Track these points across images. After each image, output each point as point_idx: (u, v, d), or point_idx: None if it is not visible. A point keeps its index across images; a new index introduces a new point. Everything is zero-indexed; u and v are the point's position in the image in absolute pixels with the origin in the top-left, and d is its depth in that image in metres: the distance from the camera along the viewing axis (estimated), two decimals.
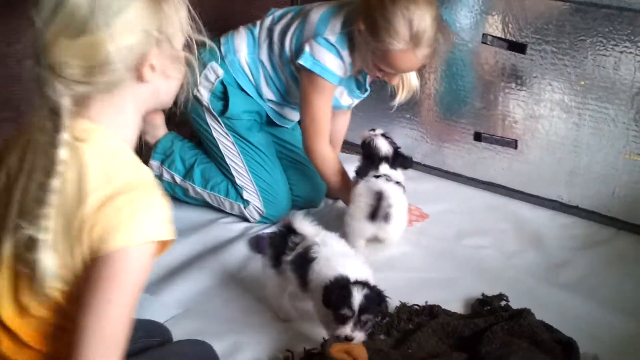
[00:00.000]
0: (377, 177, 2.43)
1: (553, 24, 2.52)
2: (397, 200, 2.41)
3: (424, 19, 2.22)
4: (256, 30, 2.60)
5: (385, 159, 2.48)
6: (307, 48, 2.40)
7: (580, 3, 2.45)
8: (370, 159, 2.48)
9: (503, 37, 2.64)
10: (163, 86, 1.35)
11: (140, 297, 2.13)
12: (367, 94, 2.67)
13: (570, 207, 2.72)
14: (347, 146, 3.04)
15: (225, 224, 2.63)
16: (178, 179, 2.68)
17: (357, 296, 1.78)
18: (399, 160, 2.51)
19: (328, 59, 2.39)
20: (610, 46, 2.44)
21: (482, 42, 2.69)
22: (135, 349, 1.66)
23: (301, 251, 1.96)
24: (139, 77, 1.29)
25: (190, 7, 1.36)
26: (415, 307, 2.15)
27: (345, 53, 2.40)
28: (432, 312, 2.12)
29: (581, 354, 1.94)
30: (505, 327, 1.98)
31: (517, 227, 2.65)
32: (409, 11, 2.21)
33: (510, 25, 2.61)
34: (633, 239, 2.57)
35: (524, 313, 2.04)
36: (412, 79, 2.54)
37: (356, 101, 2.66)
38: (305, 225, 2.03)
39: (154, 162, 2.71)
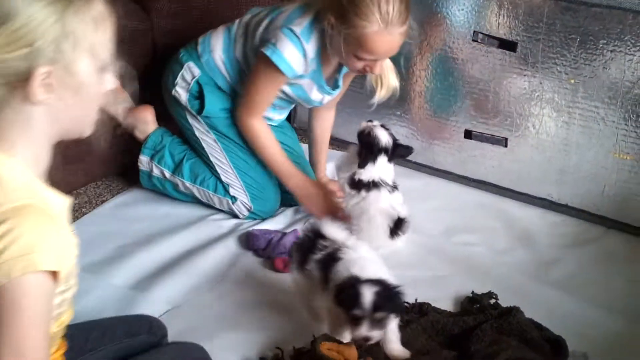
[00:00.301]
0: (376, 184, 2.44)
1: (543, 22, 2.53)
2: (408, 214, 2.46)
3: None
4: (234, 28, 2.58)
5: (385, 150, 2.46)
6: (272, 38, 2.38)
7: (571, 2, 2.46)
8: (369, 149, 2.45)
9: (494, 35, 2.65)
10: (62, 112, 1.22)
11: (130, 294, 2.15)
12: (337, 90, 2.64)
13: (560, 205, 2.73)
14: (336, 142, 3.04)
15: (215, 220, 2.63)
16: (167, 174, 2.68)
17: (368, 294, 1.73)
18: (399, 150, 2.49)
19: (289, 50, 2.36)
20: (600, 45, 2.45)
21: (473, 40, 2.70)
22: (120, 353, 1.63)
23: (331, 251, 1.93)
24: (27, 97, 1.17)
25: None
26: (405, 304, 2.15)
27: (309, 47, 2.37)
28: (421, 309, 2.12)
29: (570, 352, 1.95)
30: (494, 325, 1.99)
31: (507, 225, 2.65)
32: None
33: (500, 24, 2.62)
34: (622, 238, 2.58)
35: (513, 311, 2.04)
36: (390, 78, 2.52)
37: (327, 97, 2.62)
38: (335, 230, 2.00)
39: (144, 157, 2.71)
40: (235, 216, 2.64)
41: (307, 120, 2.88)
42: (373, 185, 2.44)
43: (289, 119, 2.97)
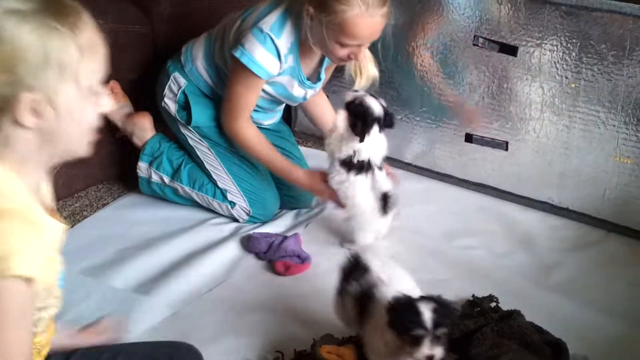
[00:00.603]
0: (366, 166, 2.39)
1: (544, 26, 2.53)
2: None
3: None
4: (214, 33, 2.56)
5: (378, 120, 2.38)
6: (242, 39, 2.34)
7: (572, 6, 2.46)
8: (362, 120, 2.36)
9: (495, 39, 2.65)
10: (52, 135, 1.23)
11: (130, 298, 2.15)
12: (320, 83, 2.61)
13: (560, 208, 2.73)
14: None
15: (215, 224, 2.63)
16: (166, 179, 2.68)
17: (427, 312, 1.62)
18: (389, 118, 2.41)
19: (259, 51, 2.32)
20: (601, 49, 2.45)
21: (474, 44, 2.70)
22: None
23: (364, 288, 1.83)
24: (15, 121, 1.19)
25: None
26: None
27: (281, 42, 2.33)
28: None
29: (571, 355, 1.95)
30: (495, 329, 1.99)
31: (507, 228, 2.66)
32: None
33: (501, 28, 2.62)
34: (622, 241, 2.58)
35: (514, 314, 2.04)
36: (369, 67, 2.49)
37: (310, 92, 2.59)
38: (374, 258, 1.91)
39: (142, 164, 2.71)
40: (236, 220, 2.65)
41: (307, 124, 2.86)
42: (364, 167, 2.39)
43: (288, 122, 2.97)
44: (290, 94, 2.54)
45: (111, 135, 2.78)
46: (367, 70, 2.49)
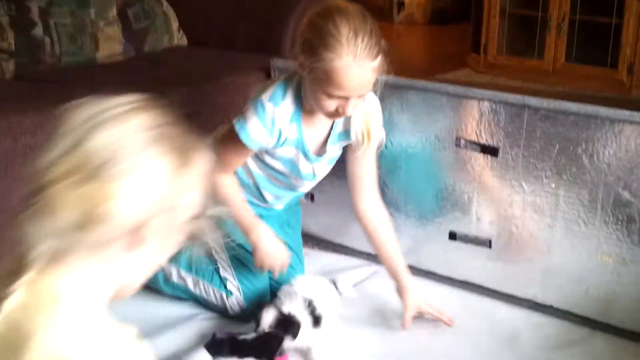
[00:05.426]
0: None
1: (524, 128, 2.62)
2: None
3: (357, 30, 2.16)
4: None
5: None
6: (245, 109, 2.38)
7: (550, 110, 2.55)
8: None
9: (476, 141, 2.73)
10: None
11: None
12: (324, 156, 2.55)
13: (544, 306, 2.74)
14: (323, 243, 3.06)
15: (203, 319, 2.62)
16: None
17: None
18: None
19: (252, 122, 2.35)
20: (579, 151, 2.53)
21: (456, 146, 2.77)
22: None
23: None
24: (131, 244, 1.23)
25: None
26: None
27: (280, 111, 2.35)
28: None
29: None
30: None
31: (491, 325, 2.66)
32: (339, 23, 2.16)
33: (482, 130, 2.70)
34: (606, 339, 2.58)
35: None
36: (375, 127, 2.49)
37: (317, 167, 2.56)
38: None
39: None
40: (226, 313, 2.64)
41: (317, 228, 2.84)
42: None
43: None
44: (298, 169, 2.53)
45: None
46: (373, 131, 2.48)
